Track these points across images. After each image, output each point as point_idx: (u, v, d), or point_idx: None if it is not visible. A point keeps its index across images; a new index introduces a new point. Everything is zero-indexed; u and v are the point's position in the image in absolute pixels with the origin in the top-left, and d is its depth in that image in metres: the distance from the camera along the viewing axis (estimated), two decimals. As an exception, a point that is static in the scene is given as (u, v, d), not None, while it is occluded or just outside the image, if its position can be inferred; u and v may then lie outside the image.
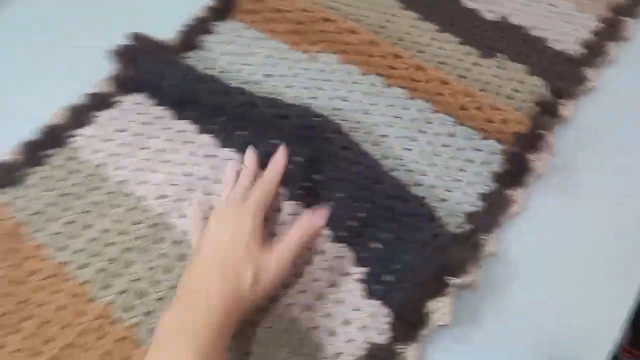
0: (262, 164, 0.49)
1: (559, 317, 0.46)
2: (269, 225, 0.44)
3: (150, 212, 0.46)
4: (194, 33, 0.56)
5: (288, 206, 0.47)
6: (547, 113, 0.54)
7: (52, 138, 0.47)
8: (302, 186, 0.49)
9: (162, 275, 0.43)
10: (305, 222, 0.42)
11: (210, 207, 0.45)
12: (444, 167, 0.52)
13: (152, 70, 0.50)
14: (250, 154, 0.48)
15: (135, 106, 0.51)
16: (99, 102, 0.50)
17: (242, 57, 0.56)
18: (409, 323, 0.42)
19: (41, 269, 0.42)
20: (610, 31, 0.60)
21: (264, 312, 0.42)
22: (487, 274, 0.47)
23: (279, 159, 0.46)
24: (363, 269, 0.45)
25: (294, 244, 0.41)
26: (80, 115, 0.49)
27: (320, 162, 0.50)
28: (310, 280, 0.44)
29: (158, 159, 0.49)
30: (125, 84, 0.51)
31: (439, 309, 0.43)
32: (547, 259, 0.49)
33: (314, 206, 0.47)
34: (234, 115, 0.51)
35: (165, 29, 0.55)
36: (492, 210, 0.49)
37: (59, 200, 0.45)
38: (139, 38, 0.52)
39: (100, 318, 0.41)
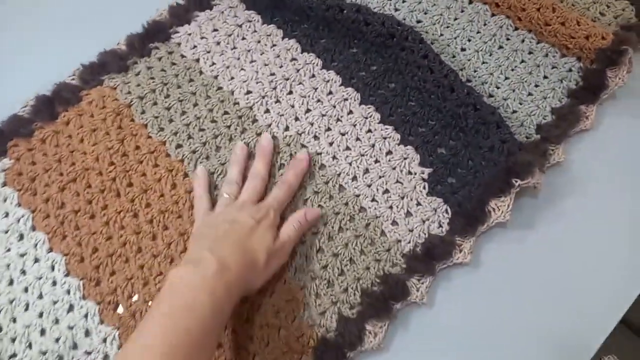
0: (345, 73, 0.49)
1: (613, 234, 0.44)
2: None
3: (238, 105, 0.48)
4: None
5: (361, 109, 0.48)
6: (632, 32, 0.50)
7: (157, 32, 0.50)
8: (376, 93, 0.49)
9: (246, 160, 0.45)
10: (302, 218, 0.42)
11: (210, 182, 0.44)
12: (519, 81, 0.50)
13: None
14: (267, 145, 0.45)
15: (230, 9, 0.53)
16: (199, 3, 0.52)
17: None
18: (468, 218, 0.42)
19: (144, 145, 0.46)
20: None
21: (332, 199, 0.44)
22: (549, 183, 0.46)
23: (302, 159, 0.45)
24: (427, 170, 0.45)
25: (294, 238, 0.41)
26: (182, 14, 0.51)
27: (397, 71, 0.49)
28: (377, 177, 0.45)
29: (245, 59, 0.50)
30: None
31: (500, 207, 0.42)
32: (613, 177, 0.47)
33: (385, 112, 0.47)
34: (319, 20, 0.51)
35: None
36: (563, 122, 0.47)
37: (160, 88, 0.48)
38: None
39: (192, 192, 0.44)
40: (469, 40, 0.52)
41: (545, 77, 0.50)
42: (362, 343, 0.39)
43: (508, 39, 0.52)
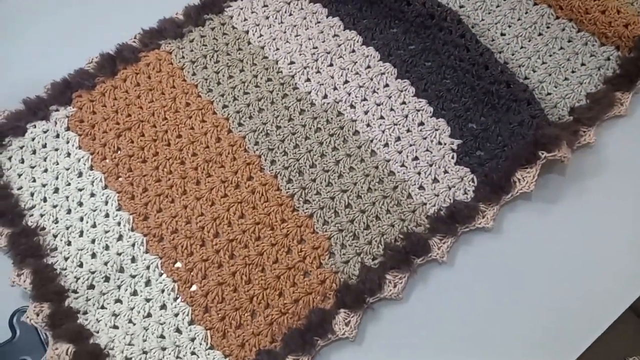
0: (383, 49, 0.58)
1: (636, 219, 0.50)
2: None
3: (281, 73, 0.57)
4: None
5: (397, 83, 0.56)
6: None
7: (212, 5, 0.60)
8: (413, 69, 0.57)
9: (285, 122, 0.54)
10: None
11: None
12: (555, 66, 0.57)
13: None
14: None
15: (279, -13, 0.63)
16: (252, -19, 0.63)
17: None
18: (493, 186, 0.50)
19: (194, 103, 0.55)
20: None
21: (363, 162, 0.52)
22: (579, 163, 0.52)
23: None
24: (457, 141, 0.53)
25: None
26: (236, -10, 0.62)
27: (434, 51, 0.58)
28: (408, 144, 0.53)
29: (291, 33, 0.60)
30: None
31: (525, 178, 0.49)
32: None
33: (420, 87, 0.56)
34: (363, 0, 0.60)
35: None
36: (597, 106, 0.54)
37: (211, 54, 0.58)
38: None
39: (234, 146, 0.53)
40: (509, 27, 0.60)
41: (582, 64, 0.57)
42: (381, 290, 0.46)
43: (548, 27, 0.60)
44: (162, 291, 0.47)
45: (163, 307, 0.47)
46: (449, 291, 0.48)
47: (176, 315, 0.46)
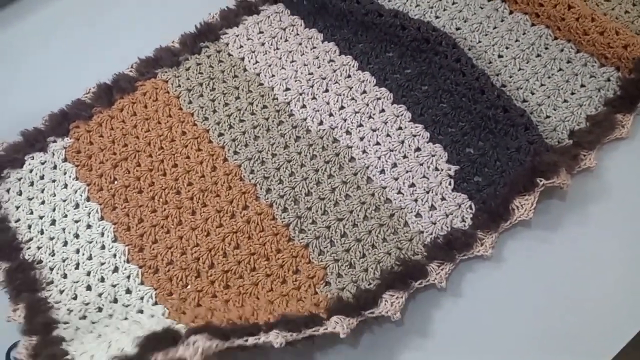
0: (379, 74, 0.58)
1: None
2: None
3: (276, 100, 0.57)
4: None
5: (393, 108, 0.56)
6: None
7: (208, 32, 0.61)
8: (409, 94, 0.57)
9: (281, 150, 0.54)
10: None
11: None
12: (554, 88, 0.56)
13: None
14: None
15: (275, 14, 0.63)
16: (247, 8, 0.63)
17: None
18: (491, 214, 0.49)
19: (190, 131, 0.56)
20: None
21: (359, 189, 0.52)
22: (579, 188, 0.51)
23: None
24: (454, 167, 0.52)
25: None
26: (232, 17, 0.62)
27: (430, 75, 0.57)
28: (404, 171, 0.53)
29: (287, 59, 0.60)
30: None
31: (523, 205, 0.48)
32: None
33: (416, 112, 0.55)
34: (358, 25, 0.60)
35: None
36: (597, 129, 0.53)
37: (207, 82, 0.58)
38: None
39: (230, 174, 0.53)
40: (507, 48, 0.59)
41: (582, 85, 0.57)
42: (376, 305, 0.44)
43: (547, 48, 0.59)
44: (152, 316, 0.47)
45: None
46: (450, 321, 0.47)
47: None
